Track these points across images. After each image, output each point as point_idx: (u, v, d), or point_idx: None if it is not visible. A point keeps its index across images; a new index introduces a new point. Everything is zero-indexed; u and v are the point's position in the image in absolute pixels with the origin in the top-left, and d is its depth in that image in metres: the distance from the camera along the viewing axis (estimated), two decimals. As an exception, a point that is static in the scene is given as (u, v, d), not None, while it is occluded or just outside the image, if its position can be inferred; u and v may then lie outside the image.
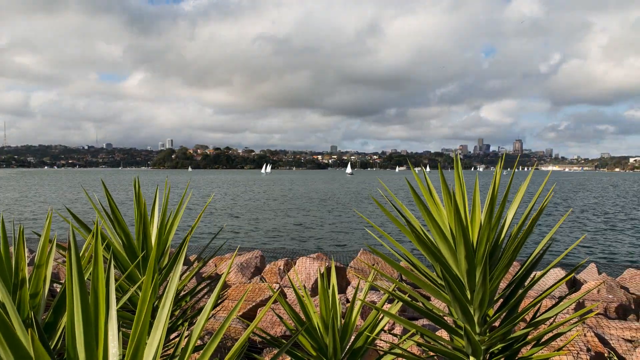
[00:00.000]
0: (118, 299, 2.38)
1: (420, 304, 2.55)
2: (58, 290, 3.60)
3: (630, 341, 5.27)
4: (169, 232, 3.26)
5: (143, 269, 3.13)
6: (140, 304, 1.28)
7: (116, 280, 2.76)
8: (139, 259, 3.06)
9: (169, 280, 1.53)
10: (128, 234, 3.11)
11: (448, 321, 2.66)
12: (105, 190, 3.21)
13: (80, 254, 2.61)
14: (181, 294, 3.55)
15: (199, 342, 4.75)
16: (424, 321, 5.45)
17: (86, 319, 1.29)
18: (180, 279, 3.62)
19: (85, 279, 1.84)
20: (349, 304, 2.95)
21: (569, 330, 2.52)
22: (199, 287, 3.61)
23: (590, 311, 5.99)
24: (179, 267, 1.52)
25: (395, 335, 3.04)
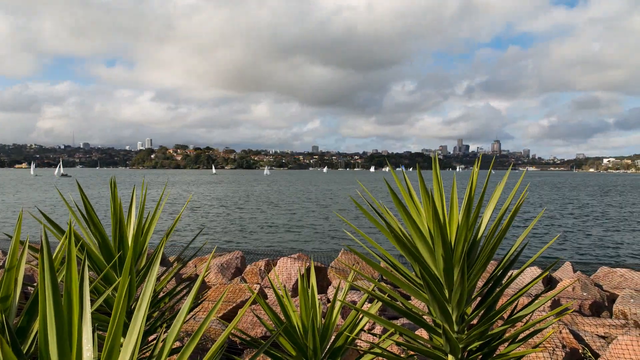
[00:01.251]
0: (94, 301, 2.34)
1: (400, 304, 2.57)
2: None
3: (603, 337, 5.40)
4: (146, 233, 3.21)
5: (120, 270, 3.08)
6: (115, 306, 1.26)
7: (92, 282, 2.71)
8: (115, 260, 3.01)
9: (146, 281, 1.51)
10: (104, 235, 3.05)
11: (427, 320, 2.68)
12: (80, 190, 3.14)
13: (54, 256, 2.56)
14: (160, 296, 3.51)
15: (178, 343, 4.70)
16: (403, 321, 5.49)
17: (59, 321, 1.26)
18: (158, 280, 3.58)
19: (59, 280, 1.80)
20: (329, 304, 2.95)
21: (545, 327, 2.57)
22: (178, 289, 3.56)
23: (566, 309, 6.12)
24: (156, 267, 1.50)
25: (375, 335, 3.05)
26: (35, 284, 2.65)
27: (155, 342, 2.27)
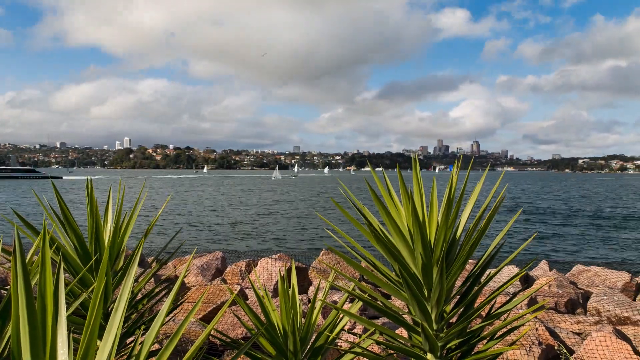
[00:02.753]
0: (70, 304, 2.29)
1: (380, 303, 2.59)
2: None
3: (578, 334, 5.53)
4: (124, 234, 3.16)
5: (96, 272, 3.02)
6: (91, 308, 1.23)
7: (68, 284, 2.66)
8: (92, 262, 2.96)
9: (123, 283, 1.49)
10: (80, 236, 2.99)
11: (407, 319, 2.70)
12: (55, 191, 3.08)
13: (29, 258, 2.50)
14: (138, 297, 3.46)
15: (157, 345, 4.64)
16: (384, 320, 5.52)
17: (32, 325, 1.23)
18: (137, 281, 3.52)
19: (35, 283, 1.76)
20: (310, 304, 2.95)
21: (522, 324, 2.62)
22: (157, 290, 3.52)
23: (542, 306, 6.24)
24: (133, 269, 1.48)
25: (355, 334, 3.07)
26: (8, 287, 2.58)
27: (133, 344, 2.23)
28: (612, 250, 19.90)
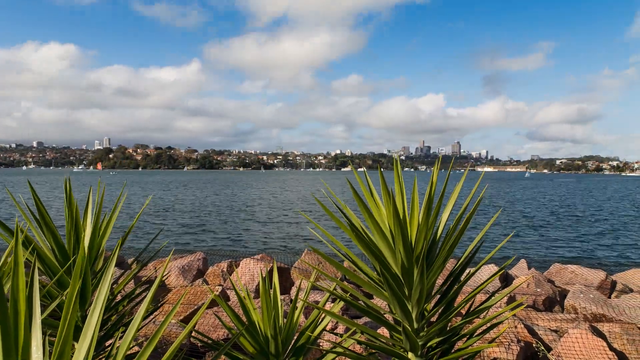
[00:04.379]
0: (46, 307, 2.24)
1: (361, 303, 2.60)
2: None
3: (555, 331, 5.63)
4: (103, 234, 3.11)
5: (74, 273, 2.97)
6: (65, 310, 1.21)
7: (45, 286, 2.60)
8: (70, 264, 2.90)
9: (100, 284, 1.46)
10: (56, 236, 2.93)
11: (388, 318, 2.72)
12: (31, 190, 3.01)
13: (3, 260, 2.44)
14: (117, 299, 3.41)
15: (137, 348, 4.57)
16: (366, 319, 5.55)
17: (4, 329, 1.20)
18: (117, 282, 3.47)
19: (9, 285, 1.72)
20: (292, 304, 2.95)
21: (501, 322, 2.66)
22: (137, 292, 3.47)
23: (520, 304, 6.35)
24: (110, 269, 1.45)
25: (337, 334, 3.07)
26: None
27: (110, 346, 2.20)
28: (588, 249, 20.36)
